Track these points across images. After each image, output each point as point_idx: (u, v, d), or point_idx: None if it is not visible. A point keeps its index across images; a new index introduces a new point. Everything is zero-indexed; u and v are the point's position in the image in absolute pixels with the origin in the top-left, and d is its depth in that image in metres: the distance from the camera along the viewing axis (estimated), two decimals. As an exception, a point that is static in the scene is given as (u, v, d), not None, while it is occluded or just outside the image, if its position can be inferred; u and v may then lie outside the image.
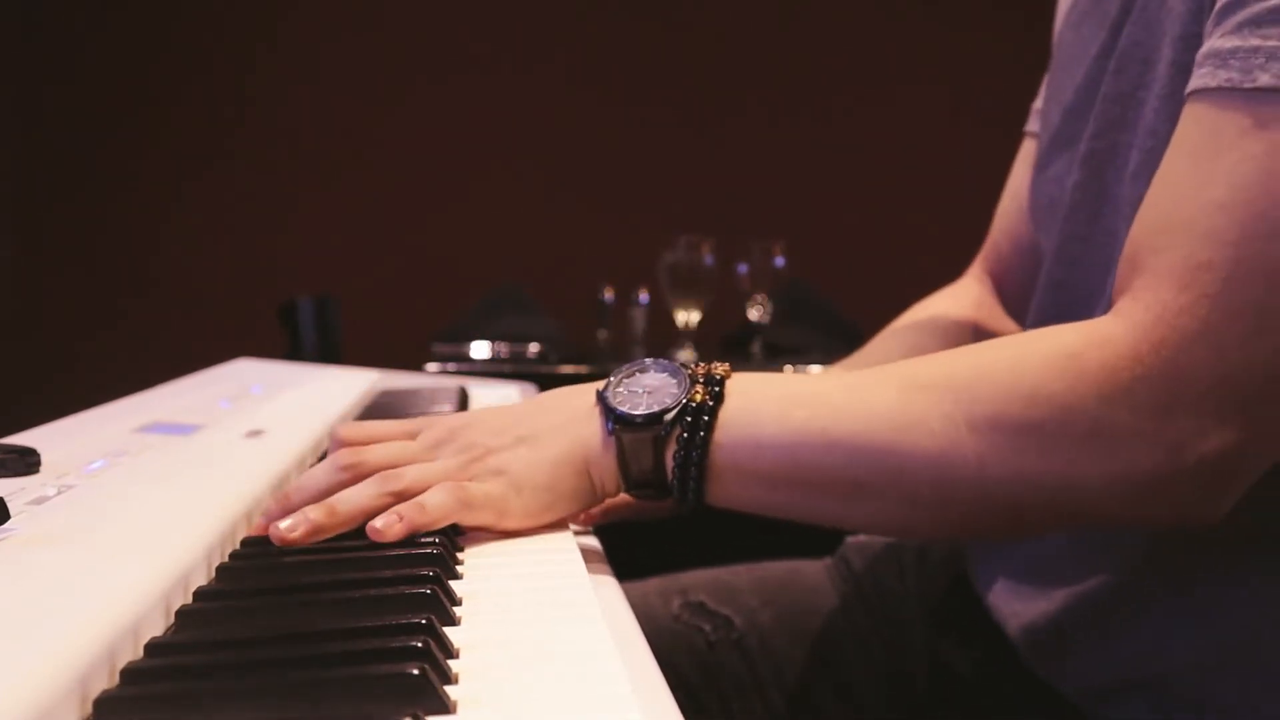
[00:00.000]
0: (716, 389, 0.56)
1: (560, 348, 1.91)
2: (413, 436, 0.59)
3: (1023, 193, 0.83)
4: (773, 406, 0.55)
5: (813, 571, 0.87)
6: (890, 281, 1.51)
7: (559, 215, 2.62)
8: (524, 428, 0.58)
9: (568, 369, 1.82)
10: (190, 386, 0.95)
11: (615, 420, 0.56)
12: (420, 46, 2.63)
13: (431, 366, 1.82)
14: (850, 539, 0.89)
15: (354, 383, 1.03)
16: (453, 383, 1.12)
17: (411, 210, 2.63)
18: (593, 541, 0.60)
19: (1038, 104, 0.86)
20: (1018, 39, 2.60)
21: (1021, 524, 0.58)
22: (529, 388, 1.13)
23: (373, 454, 0.57)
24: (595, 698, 0.36)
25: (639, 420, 0.55)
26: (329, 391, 0.97)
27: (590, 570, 0.50)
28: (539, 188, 2.63)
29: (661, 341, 2.00)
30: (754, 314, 1.96)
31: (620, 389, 0.58)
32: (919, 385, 0.54)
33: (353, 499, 0.53)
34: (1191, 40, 0.57)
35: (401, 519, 0.51)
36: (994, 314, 0.88)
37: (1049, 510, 0.54)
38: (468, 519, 0.55)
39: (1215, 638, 0.61)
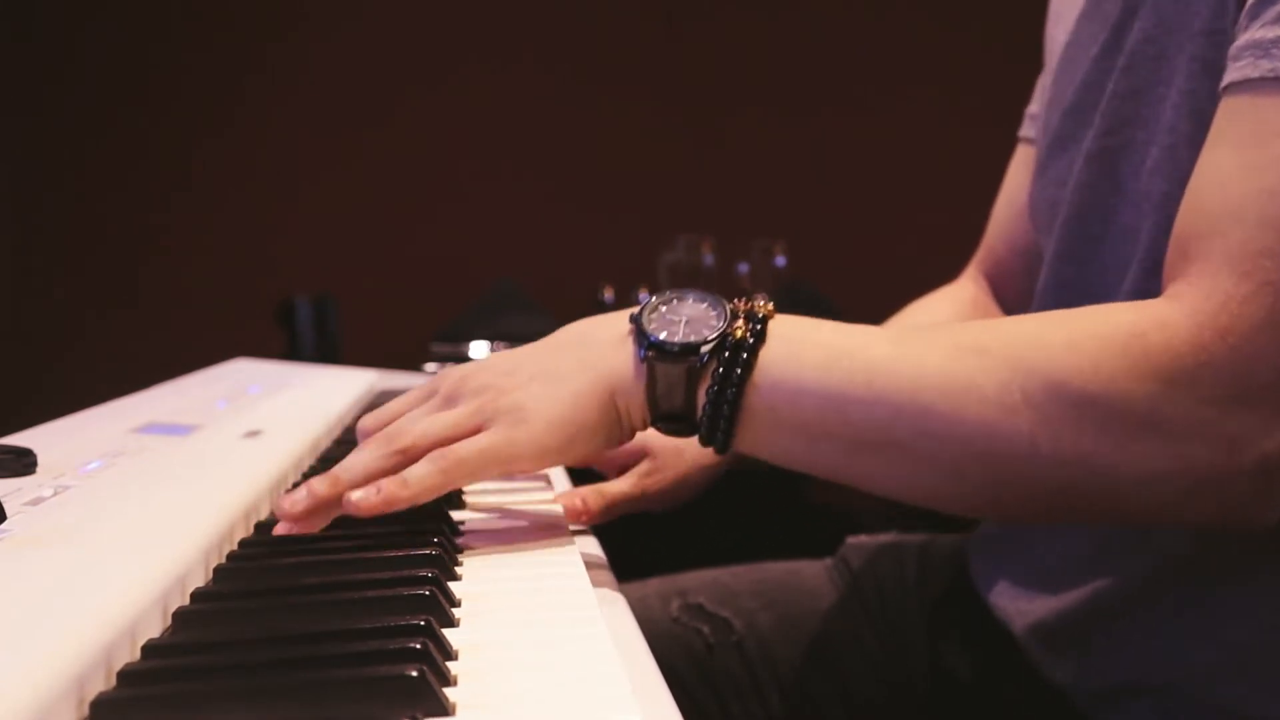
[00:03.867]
0: (759, 327, 0.53)
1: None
2: (431, 398, 0.57)
3: (1019, 196, 0.83)
4: (817, 353, 0.52)
5: (812, 573, 0.87)
6: (890, 281, 1.51)
7: (558, 215, 2.62)
8: (541, 363, 0.55)
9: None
10: (187, 387, 0.95)
11: (649, 347, 0.53)
12: (419, 45, 2.63)
13: (430, 366, 1.82)
14: (851, 539, 0.89)
15: (352, 383, 1.03)
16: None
17: (410, 210, 2.62)
18: (592, 542, 0.60)
19: (1032, 109, 0.85)
20: (1018, 39, 2.60)
21: (1061, 507, 0.54)
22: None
23: (414, 431, 0.54)
24: (595, 700, 0.35)
25: (674, 349, 0.52)
26: (327, 392, 0.96)
27: (589, 572, 0.50)
28: (538, 187, 2.63)
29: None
30: (753, 314, 1.96)
31: (655, 315, 0.54)
32: (974, 348, 0.52)
33: (356, 464, 0.52)
34: (1217, 36, 0.56)
35: (380, 491, 0.50)
36: (989, 313, 0.88)
37: (1096, 496, 0.51)
38: (463, 480, 0.52)
39: (1226, 642, 0.60)
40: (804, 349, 0.53)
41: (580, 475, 0.72)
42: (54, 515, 0.50)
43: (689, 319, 0.54)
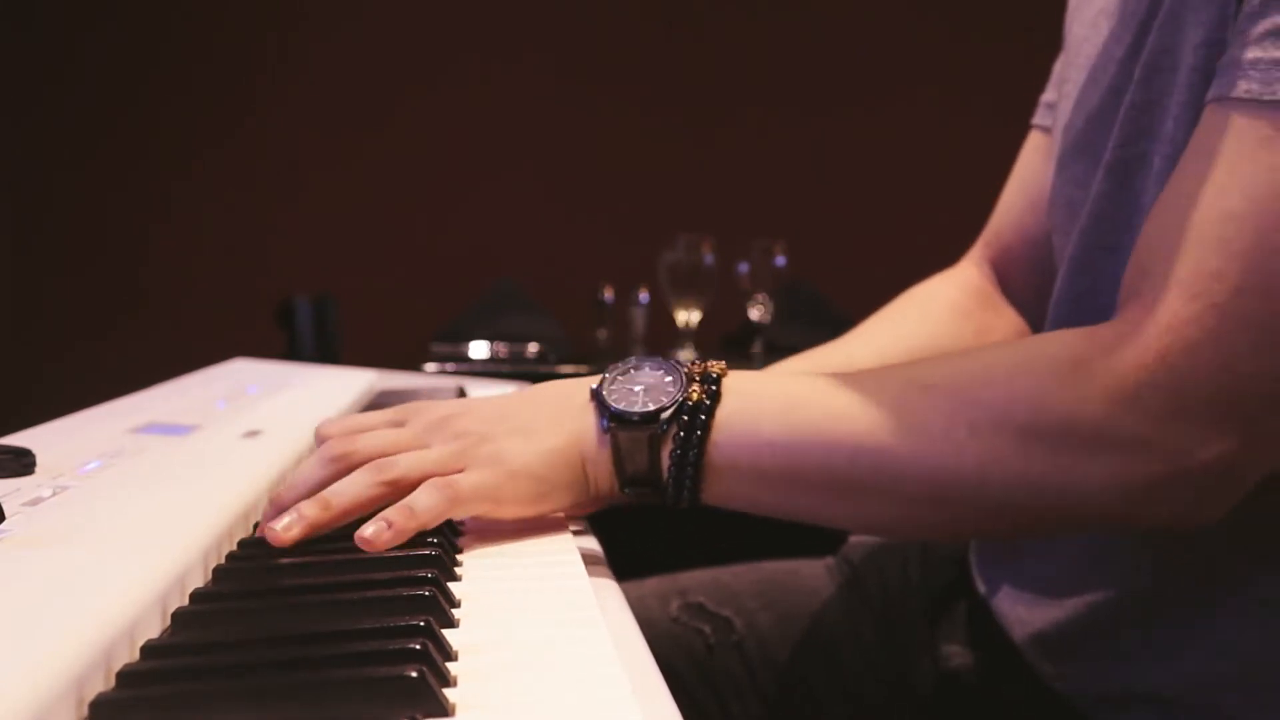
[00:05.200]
0: (713, 387, 0.56)
1: (560, 346, 1.91)
2: (398, 425, 0.58)
3: (1033, 184, 0.82)
4: (771, 405, 0.55)
5: (813, 572, 0.86)
6: (890, 281, 1.51)
7: (558, 214, 2.62)
8: (519, 418, 0.57)
9: (567, 369, 1.82)
10: (186, 387, 0.95)
11: (611, 418, 0.55)
12: (419, 46, 2.63)
13: (430, 366, 1.82)
14: (853, 538, 0.89)
15: (352, 383, 1.03)
16: (451, 383, 1.12)
17: (410, 209, 2.62)
18: (592, 543, 0.60)
19: (1048, 97, 0.84)
20: (1019, 38, 2.60)
21: (1020, 527, 0.58)
22: (528, 387, 1.12)
23: (363, 443, 0.56)
24: (595, 700, 0.35)
25: (635, 418, 0.55)
26: (326, 392, 0.96)
27: (589, 572, 0.50)
28: (538, 187, 2.63)
29: (662, 341, 2.00)
30: (754, 314, 1.96)
31: (615, 386, 0.57)
32: (921, 387, 0.54)
33: (346, 490, 0.52)
34: (1215, 47, 0.56)
35: (390, 525, 0.51)
36: (990, 301, 0.87)
37: (1047, 514, 0.54)
38: (460, 513, 0.54)
39: (1226, 653, 0.60)
40: (759, 403, 0.55)
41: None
42: (53, 516, 0.50)
43: (646, 387, 0.57)
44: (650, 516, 0.73)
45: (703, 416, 0.55)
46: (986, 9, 2.63)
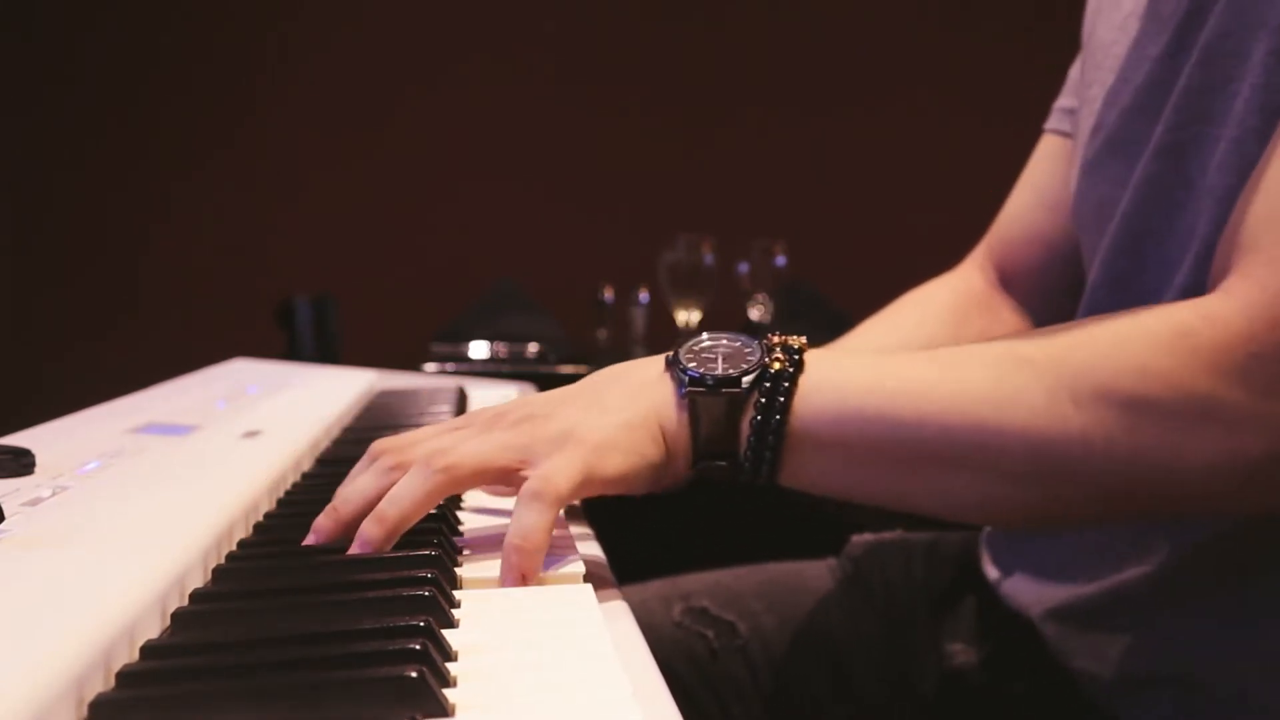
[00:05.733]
0: (796, 357, 0.53)
1: (560, 346, 1.91)
2: (458, 430, 0.55)
3: (1048, 187, 0.82)
4: (858, 376, 0.52)
5: (816, 573, 0.86)
6: (890, 281, 1.51)
7: (558, 214, 2.62)
8: (587, 396, 0.54)
9: (567, 369, 1.82)
10: (186, 387, 0.95)
11: (690, 383, 0.53)
12: (418, 46, 2.63)
13: (430, 366, 1.82)
14: (855, 538, 0.89)
15: (351, 383, 1.03)
16: (451, 382, 1.11)
17: (410, 209, 2.62)
18: (592, 544, 0.60)
19: (1065, 102, 0.84)
20: (1020, 39, 2.61)
21: (1120, 505, 0.55)
22: (528, 387, 1.13)
23: (419, 447, 0.53)
24: (595, 701, 0.35)
25: (713, 381, 0.52)
26: (326, 392, 0.96)
27: (590, 573, 0.50)
28: (538, 186, 2.63)
29: (662, 341, 2.00)
30: (755, 314, 1.96)
31: (691, 354, 0.54)
32: (1016, 359, 0.52)
33: (400, 496, 0.50)
34: None
35: (519, 550, 0.47)
36: (991, 304, 0.87)
37: (1153, 491, 0.52)
38: (565, 501, 0.50)
39: (1254, 634, 0.60)
40: (844, 374, 0.53)
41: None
42: (52, 516, 0.50)
43: (725, 355, 0.54)
44: (652, 517, 0.73)
45: (785, 384, 0.52)
46: (986, 9, 2.63)
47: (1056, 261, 0.81)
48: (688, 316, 1.87)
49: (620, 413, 0.53)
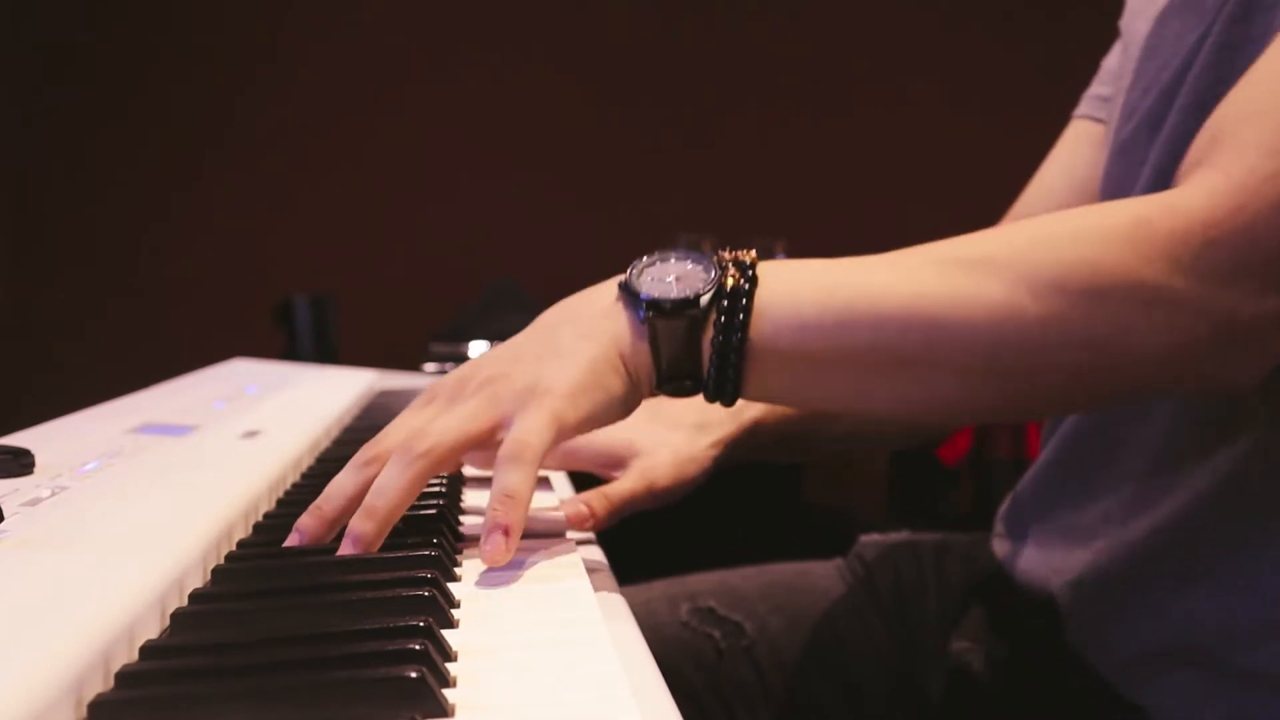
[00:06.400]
0: (750, 272, 0.53)
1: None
2: (427, 405, 0.56)
3: (1081, 170, 0.82)
4: (812, 286, 0.53)
5: (823, 573, 0.86)
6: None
7: (558, 214, 2.62)
8: (540, 345, 0.54)
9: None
10: (185, 387, 0.95)
11: (647, 307, 0.53)
12: (417, 42, 2.63)
13: (430, 366, 1.82)
14: (864, 538, 0.88)
15: (351, 383, 1.03)
16: (451, 382, 1.11)
17: (409, 208, 2.62)
18: (592, 544, 0.60)
19: (1098, 90, 0.84)
20: (1022, 37, 2.61)
21: (1074, 395, 0.56)
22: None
23: (390, 436, 0.53)
24: (594, 701, 0.35)
25: (670, 305, 0.52)
26: (325, 392, 0.96)
27: (590, 573, 0.50)
28: (538, 186, 2.63)
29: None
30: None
31: (643, 278, 0.54)
32: (975, 257, 0.53)
33: (385, 488, 0.50)
34: None
35: (506, 530, 0.48)
36: None
37: (1103, 376, 0.53)
38: (535, 468, 0.50)
39: (1270, 601, 0.60)
40: (799, 285, 0.53)
41: (581, 482, 0.72)
42: (52, 516, 0.50)
43: (678, 276, 0.54)
44: (650, 519, 0.73)
45: (743, 300, 0.52)
46: (987, 9, 2.63)
47: None
48: (687, 316, 1.86)
49: (580, 353, 0.53)
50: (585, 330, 0.54)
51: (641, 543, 0.87)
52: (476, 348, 1.89)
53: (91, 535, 0.47)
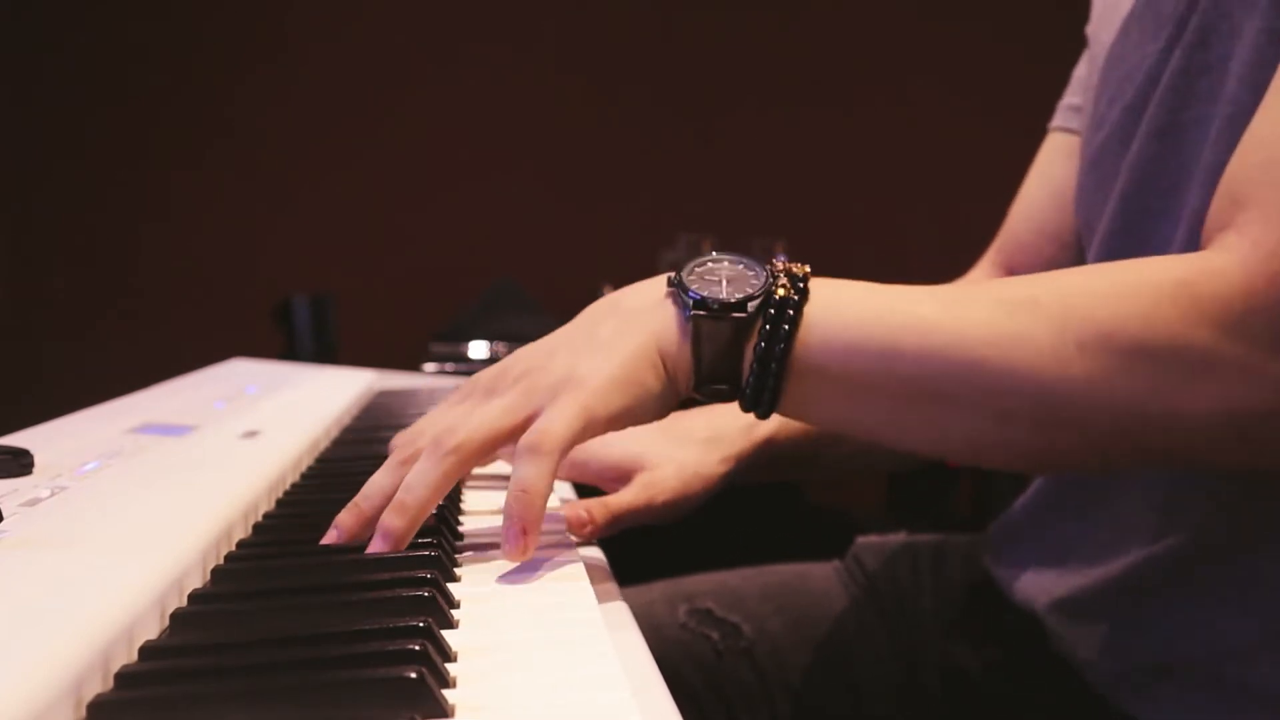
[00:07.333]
0: (801, 285, 0.52)
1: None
2: (463, 401, 0.55)
3: (1057, 181, 0.82)
4: (863, 309, 0.52)
5: (821, 575, 0.86)
6: (892, 280, 1.51)
7: (558, 213, 2.62)
8: (579, 339, 0.53)
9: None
10: (184, 387, 0.94)
11: (695, 306, 0.52)
12: (417, 42, 2.63)
13: (429, 366, 1.82)
14: (861, 539, 0.88)
15: (350, 383, 1.02)
16: (451, 383, 1.11)
17: (409, 208, 2.62)
18: (592, 546, 0.60)
19: (1071, 100, 0.84)
20: (1022, 36, 2.61)
21: (1114, 453, 0.55)
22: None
23: (423, 431, 0.53)
24: (594, 701, 0.35)
25: (718, 306, 0.52)
26: (325, 392, 0.96)
27: (590, 574, 0.50)
28: (537, 185, 2.63)
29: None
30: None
31: (694, 276, 0.53)
32: (1022, 300, 0.52)
33: (415, 484, 0.50)
34: None
35: (520, 513, 0.47)
36: None
37: (1147, 441, 0.52)
38: (561, 459, 0.50)
39: (1262, 618, 0.60)
40: (848, 306, 0.52)
41: (584, 492, 0.72)
42: (51, 516, 0.50)
43: (729, 279, 0.53)
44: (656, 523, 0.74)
45: (791, 312, 0.51)
46: (988, 9, 2.63)
47: (1069, 257, 0.81)
48: (687, 316, 1.86)
49: (618, 348, 0.52)
50: (627, 324, 0.53)
51: (641, 544, 0.86)
52: (476, 348, 1.89)
53: (91, 535, 0.47)
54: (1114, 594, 0.65)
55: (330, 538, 0.52)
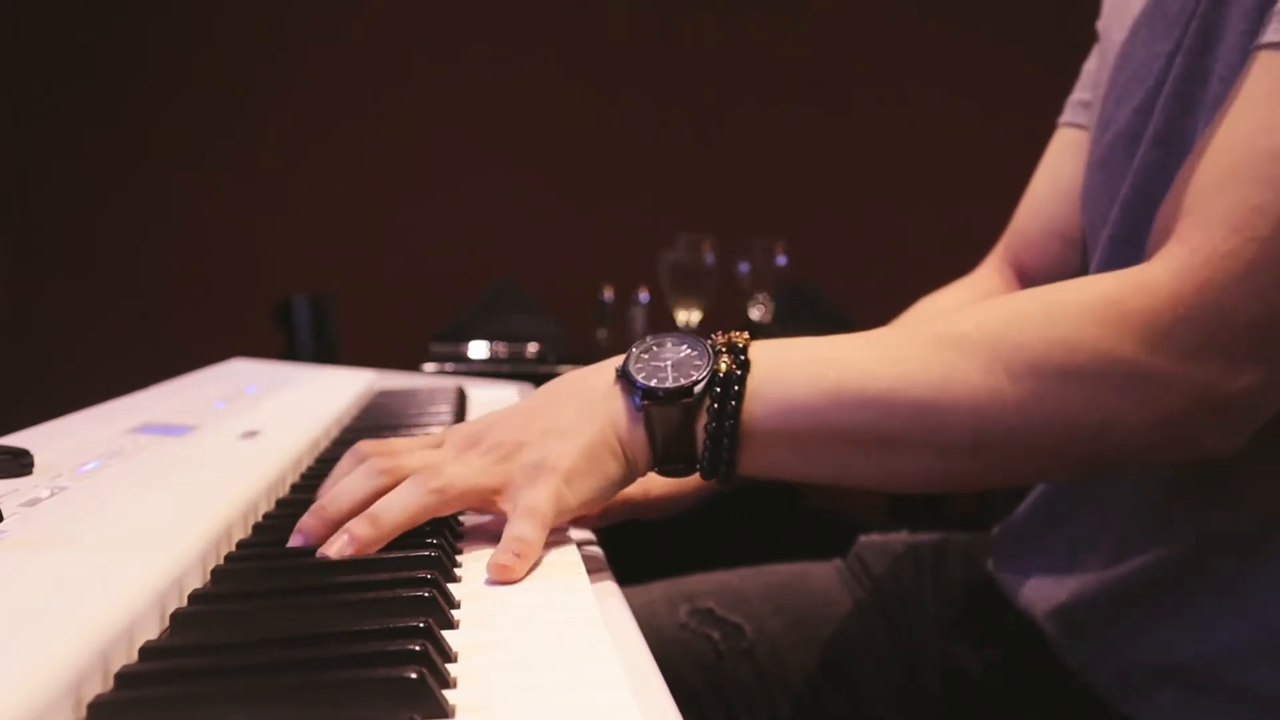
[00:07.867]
0: (741, 357, 0.55)
1: (559, 346, 1.91)
2: (436, 447, 0.58)
3: (1064, 178, 0.82)
4: (802, 369, 0.55)
5: (822, 575, 0.86)
6: (892, 280, 1.51)
7: (558, 214, 2.62)
8: (546, 418, 0.56)
9: (567, 369, 1.81)
10: (184, 387, 0.94)
11: (643, 395, 0.55)
12: (418, 42, 2.63)
13: (429, 366, 1.82)
14: (863, 538, 0.88)
15: (350, 383, 1.02)
16: (450, 383, 1.11)
17: (409, 208, 2.62)
18: (593, 546, 0.60)
19: (1080, 96, 0.84)
20: (1022, 36, 2.61)
21: (1053, 469, 0.58)
22: (527, 388, 1.12)
23: (408, 458, 0.56)
24: (594, 701, 0.35)
25: (664, 394, 0.55)
26: (325, 392, 0.96)
27: (590, 574, 0.50)
28: (538, 185, 2.63)
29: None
30: (755, 313, 1.96)
31: (640, 364, 0.57)
32: (950, 338, 0.54)
33: (395, 505, 0.52)
34: (1266, 9, 0.57)
35: (519, 555, 0.49)
36: None
37: (1085, 452, 0.54)
38: (542, 534, 0.52)
39: (1260, 621, 0.60)
40: (787, 369, 0.55)
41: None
42: (51, 516, 0.50)
43: (674, 362, 0.56)
44: (650, 520, 0.74)
45: (735, 387, 0.54)
46: (988, 9, 2.63)
47: (1076, 254, 0.80)
48: (688, 316, 1.86)
49: (580, 435, 0.55)
50: (585, 410, 0.56)
51: (641, 544, 0.87)
52: (476, 348, 1.89)
53: (91, 535, 0.47)
54: (1114, 599, 0.65)
55: (295, 541, 0.53)
